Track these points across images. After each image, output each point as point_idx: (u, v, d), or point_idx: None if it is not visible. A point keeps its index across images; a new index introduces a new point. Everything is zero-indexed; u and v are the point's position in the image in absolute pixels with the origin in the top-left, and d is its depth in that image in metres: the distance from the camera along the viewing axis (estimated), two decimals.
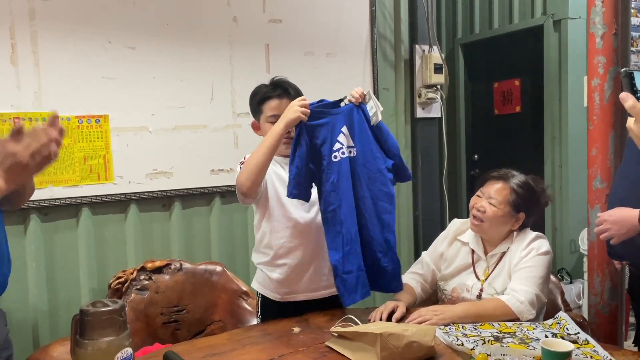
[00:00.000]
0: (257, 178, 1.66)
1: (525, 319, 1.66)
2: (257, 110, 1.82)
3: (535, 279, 1.71)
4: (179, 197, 2.56)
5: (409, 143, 3.35)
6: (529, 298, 1.68)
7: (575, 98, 3.38)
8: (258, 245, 1.84)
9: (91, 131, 2.32)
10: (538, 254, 1.76)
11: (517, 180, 1.80)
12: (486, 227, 1.80)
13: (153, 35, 2.45)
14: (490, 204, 1.78)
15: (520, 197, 1.78)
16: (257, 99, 1.81)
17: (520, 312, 1.66)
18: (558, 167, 3.51)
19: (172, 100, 2.51)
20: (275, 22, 2.78)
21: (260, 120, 1.82)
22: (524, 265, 1.75)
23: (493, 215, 1.77)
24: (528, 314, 1.66)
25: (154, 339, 2.09)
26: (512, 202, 1.77)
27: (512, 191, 1.78)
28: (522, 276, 1.72)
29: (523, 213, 1.80)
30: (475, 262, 1.86)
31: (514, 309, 1.66)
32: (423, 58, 3.29)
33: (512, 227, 1.81)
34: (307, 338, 1.58)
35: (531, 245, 1.78)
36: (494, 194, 1.79)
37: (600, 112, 1.92)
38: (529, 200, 1.80)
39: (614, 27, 1.88)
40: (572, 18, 3.37)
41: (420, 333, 1.41)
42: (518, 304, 1.67)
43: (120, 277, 2.15)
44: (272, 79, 1.85)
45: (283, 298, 1.81)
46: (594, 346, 1.43)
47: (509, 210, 1.78)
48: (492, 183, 1.83)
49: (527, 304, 1.67)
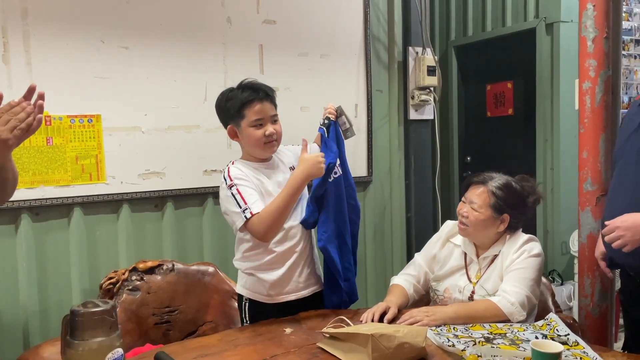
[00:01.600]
0: (278, 230, 1.72)
1: (516, 320, 1.67)
2: (237, 115, 1.76)
3: (527, 281, 1.72)
4: (172, 198, 2.55)
5: (402, 145, 3.36)
6: (519, 299, 1.69)
7: (567, 101, 3.40)
8: (247, 253, 1.82)
9: (83, 131, 2.31)
10: (530, 255, 1.77)
11: (497, 182, 1.82)
12: (471, 231, 1.82)
13: (146, 35, 2.44)
14: (472, 208, 1.81)
15: (501, 199, 1.79)
16: (237, 103, 1.75)
17: (510, 314, 1.67)
18: (550, 169, 3.53)
19: (165, 100, 2.50)
20: (270, 23, 2.78)
21: (242, 125, 1.76)
22: (515, 267, 1.76)
23: (475, 220, 1.80)
24: (518, 315, 1.67)
25: (145, 339, 2.08)
26: (492, 205, 1.79)
27: (491, 194, 1.80)
28: (513, 277, 1.74)
29: (507, 214, 1.81)
30: (468, 265, 1.88)
31: (505, 310, 1.67)
32: (416, 60, 3.30)
33: (498, 229, 1.82)
34: (298, 339, 1.58)
35: (523, 248, 1.79)
36: (475, 198, 1.82)
37: (591, 115, 1.93)
38: (510, 201, 1.81)
39: (605, 30, 1.90)
40: (564, 21, 3.39)
41: (412, 334, 1.41)
42: (509, 305, 1.68)
43: (111, 277, 2.14)
44: (242, 82, 1.80)
45: (273, 299, 1.82)
46: (583, 347, 1.44)
47: (490, 213, 1.79)
48: (473, 188, 1.85)
49: (518, 305, 1.68)
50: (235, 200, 1.69)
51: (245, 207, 1.67)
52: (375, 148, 3.21)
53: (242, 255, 1.83)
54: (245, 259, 1.83)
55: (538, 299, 1.81)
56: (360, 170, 3.15)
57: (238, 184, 1.70)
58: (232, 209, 1.70)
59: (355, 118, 3.10)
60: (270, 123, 1.76)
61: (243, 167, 1.77)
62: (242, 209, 1.67)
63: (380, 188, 3.27)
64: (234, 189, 1.70)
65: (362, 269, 3.19)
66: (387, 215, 3.32)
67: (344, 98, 3.06)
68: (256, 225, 1.66)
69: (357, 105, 3.11)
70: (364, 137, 3.14)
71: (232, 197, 1.69)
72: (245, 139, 1.78)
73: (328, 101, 2.08)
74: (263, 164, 1.82)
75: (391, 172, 3.31)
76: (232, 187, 1.70)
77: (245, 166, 1.78)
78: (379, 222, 3.27)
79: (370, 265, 3.21)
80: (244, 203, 1.67)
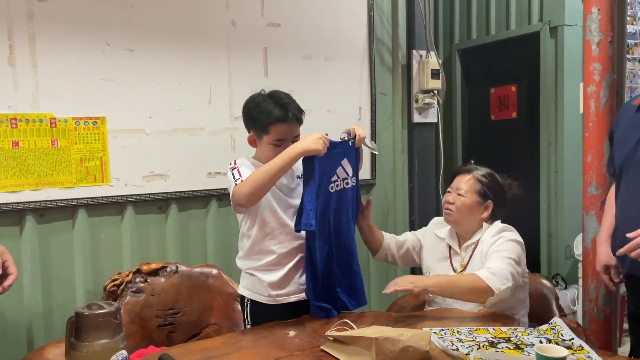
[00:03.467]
0: (261, 194, 1.69)
1: (497, 289, 1.69)
2: (262, 129, 1.77)
3: (508, 260, 1.77)
4: (176, 200, 2.56)
5: (405, 148, 3.35)
6: (500, 271, 1.73)
7: (571, 105, 3.39)
8: (248, 252, 1.83)
9: (88, 133, 2.32)
10: (508, 239, 1.84)
11: (481, 171, 1.98)
12: (457, 217, 1.94)
13: (151, 38, 2.45)
14: (459, 194, 1.94)
15: (486, 185, 1.94)
16: (265, 120, 1.76)
17: (490, 280, 1.70)
18: (554, 172, 3.52)
19: (169, 102, 2.51)
20: (274, 26, 2.78)
21: (263, 140, 1.79)
22: (495, 250, 1.83)
23: (462, 205, 1.92)
24: (499, 283, 1.70)
25: (149, 341, 2.08)
26: (478, 190, 1.93)
27: (477, 181, 1.95)
28: (494, 257, 1.80)
29: (491, 201, 1.92)
30: (452, 257, 1.97)
31: (485, 278, 1.71)
32: (420, 63, 3.30)
33: (482, 216, 1.91)
34: (302, 341, 1.58)
35: (500, 234, 1.86)
36: (462, 185, 1.96)
37: (596, 119, 1.93)
38: (494, 189, 1.95)
39: (609, 34, 1.90)
40: (568, 25, 3.39)
41: (416, 338, 1.41)
42: (488, 274, 1.72)
43: (115, 279, 2.14)
44: (276, 94, 1.80)
45: (275, 300, 1.82)
46: (588, 352, 1.44)
47: (476, 198, 1.93)
48: (459, 177, 2.00)
49: (500, 275, 1.72)
50: (233, 176, 1.73)
51: (239, 178, 1.71)
52: (379, 151, 3.21)
53: (245, 254, 1.85)
54: (246, 257, 1.84)
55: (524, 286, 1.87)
56: (364, 173, 3.15)
57: (240, 166, 1.75)
58: (229, 183, 1.75)
59: (359, 121, 3.10)
60: (290, 142, 1.77)
61: (249, 163, 1.81)
62: (235, 179, 1.72)
63: (383, 191, 3.27)
64: (236, 170, 1.74)
65: (365, 272, 3.16)
66: (391, 218, 3.31)
67: (348, 101, 3.06)
68: (239, 188, 1.68)
69: (360, 108, 3.12)
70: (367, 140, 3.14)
71: (232, 175, 1.74)
72: (261, 151, 1.83)
73: (331, 104, 2.08)
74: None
75: (395, 175, 3.31)
76: (234, 169, 1.75)
77: (255, 165, 1.81)
78: (382, 225, 3.26)
79: (374, 268, 3.20)
80: (239, 175, 1.72)
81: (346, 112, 3.05)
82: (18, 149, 2.17)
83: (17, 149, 2.17)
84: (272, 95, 1.81)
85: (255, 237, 1.80)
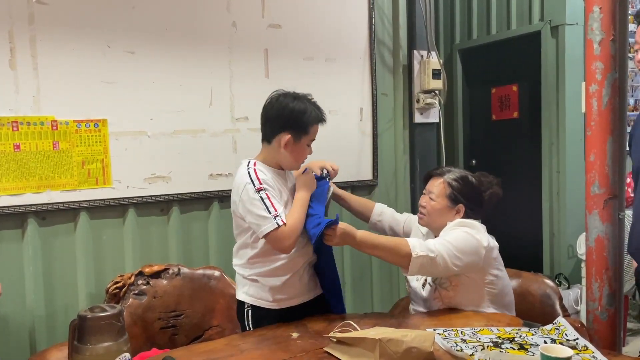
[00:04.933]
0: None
1: (415, 253, 1.70)
2: (303, 130, 1.77)
3: (446, 243, 1.76)
4: (177, 202, 2.55)
5: (407, 148, 3.35)
6: (428, 244, 1.74)
7: (573, 104, 3.39)
8: (251, 260, 1.81)
9: (89, 135, 2.32)
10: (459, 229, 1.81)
11: (453, 175, 1.94)
12: (428, 220, 1.94)
13: (152, 40, 2.45)
14: (430, 198, 1.93)
15: (456, 189, 1.91)
16: (309, 120, 1.77)
17: (413, 245, 1.71)
18: (556, 172, 3.52)
19: (171, 104, 2.51)
20: (275, 27, 2.78)
21: (302, 141, 1.77)
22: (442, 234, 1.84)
23: (432, 209, 1.92)
24: (419, 249, 1.70)
25: (151, 344, 2.08)
26: (448, 195, 1.91)
27: (448, 185, 1.92)
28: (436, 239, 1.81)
29: (462, 205, 1.91)
30: None
31: (410, 242, 1.72)
32: (421, 63, 3.30)
33: (453, 219, 1.89)
34: (305, 343, 1.57)
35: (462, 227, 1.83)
36: (433, 189, 1.94)
37: (598, 118, 1.92)
38: (465, 193, 1.92)
39: (611, 33, 1.89)
40: (569, 24, 3.39)
41: (420, 339, 1.40)
42: (415, 241, 1.74)
43: (117, 281, 2.14)
44: (308, 99, 1.82)
45: (279, 305, 1.81)
46: (593, 352, 1.43)
47: (446, 203, 1.91)
48: (432, 180, 1.98)
49: (423, 245, 1.72)
50: (265, 205, 1.67)
51: (277, 214, 1.66)
52: (381, 151, 3.20)
53: (247, 262, 1.82)
54: (250, 265, 1.82)
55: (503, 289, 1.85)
56: (366, 173, 3.14)
57: (267, 189, 1.70)
58: (259, 212, 1.68)
59: (361, 122, 3.10)
60: None
61: (267, 172, 1.77)
62: (272, 215, 1.66)
63: (385, 191, 3.26)
64: (264, 193, 1.69)
65: (367, 274, 3.18)
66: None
67: (349, 102, 3.06)
68: (287, 235, 1.67)
69: (362, 108, 3.11)
70: (369, 140, 3.13)
71: (261, 201, 1.68)
72: (292, 152, 1.78)
73: (333, 105, 2.07)
74: (282, 171, 1.85)
75: (396, 176, 3.31)
76: (262, 192, 1.69)
77: (268, 171, 1.78)
78: None
79: (376, 269, 3.20)
80: (274, 210, 1.67)
81: (348, 113, 3.04)
82: (19, 151, 2.17)
83: (18, 152, 2.17)
84: (299, 96, 1.80)
85: (263, 248, 1.78)
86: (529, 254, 3.67)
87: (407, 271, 1.74)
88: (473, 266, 1.79)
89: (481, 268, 1.81)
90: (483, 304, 1.82)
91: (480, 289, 1.83)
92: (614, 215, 1.94)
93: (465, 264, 1.77)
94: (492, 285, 1.83)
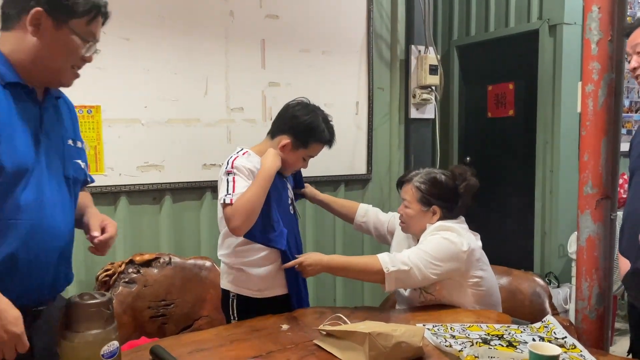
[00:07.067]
0: (252, 222, 1.71)
1: (386, 269, 1.69)
2: (304, 143, 1.82)
3: (422, 253, 1.74)
4: (170, 191, 2.54)
5: (402, 143, 3.35)
6: (401, 257, 1.72)
7: (569, 103, 3.40)
8: (237, 249, 1.82)
9: (83, 122, 2.29)
10: (438, 231, 1.79)
11: (420, 177, 1.91)
12: (408, 227, 1.92)
13: (148, 27, 2.43)
14: (405, 206, 1.90)
15: (426, 192, 1.87)
16: (316, 138, 1.82)
17: (384, 261, 1.70)
18: (549, 171, 3.53)
19: (165, 93, 2.49)
20: (272, 18, 2.76)
21: (299, 151, 1.83)
22: (420, 242, 1.81)
23: (407, 216, 1.90)
24: (390, 265, 1.69)
25: (140, 332, 2.07)
26: (419, 199, 1.88)
27: (416, 189, 1.89)
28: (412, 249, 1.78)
29: (436, 206, 1.87)
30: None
31: (380, 259, 1.71)
32: (419, 59, 3.29)
33: (432, 221, 1.86)
34: (295, 335, 1.57)
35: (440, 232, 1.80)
36: (406, 196, 1.92)
37: (594, 118, 1.92)
38: (436, 193, 1.88)
39: (609, 33, 1.89)
40: (567, 24, 3.39)
41: (409, 333, 1.41)
42: (386, 256, 1.72)
43: (108, 269, 2.13)
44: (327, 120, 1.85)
45: (263, 294, 1.82)
46: (580, 351, 1.44)
47: (419, 207, 1.88)
48: (403, 187, 1.95)
49: (396, 259, 1.71)
50: (227, 185, 1.72)
51: (230, 194, 1.70)
52: (375, 146, 3.20)
53: (233, 251, 1.83)
54: (236, 254, 1.83)
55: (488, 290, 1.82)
56: (360, 167, 3.14)
57: (236, 173, 1.74)
58: (220, 194, 1.74)
59: (356, 116, 3.09)
60: None
61: (255, 160, 1.79)
62: (227, 192, 1.70)
63: (379, 186, 3.26)
64: (231, 176, 1.74)
65: None
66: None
67: (345, 95, 3.05)
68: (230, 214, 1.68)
69: (358, 102, 3.11)
70: (364, 135, 3.13)
71: (226, 182, 1.73)
72: (286, 157, 1.83)
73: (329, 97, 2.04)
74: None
75: (391, 171, 3.31)
76: (230, 174, 1.74)
77: (255, 163, 1.79)
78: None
79: None
80: (232, 191, 1.70)
81: (343, 106, 3.04)
82: None
83: None
84: (319, 112, 1.85)
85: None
86: (520, 252, 3.69)
87: (385, 287, 1.73)
88: (454, 271, 1.76)
89: (464, 272, 1.78)
90: (468, 305, 1.82)
91: (464, 291, 1.81)
92: (606, 215, 1.95)
93: (445, 270, 1.74)
94: (476, 287, 1.81)
